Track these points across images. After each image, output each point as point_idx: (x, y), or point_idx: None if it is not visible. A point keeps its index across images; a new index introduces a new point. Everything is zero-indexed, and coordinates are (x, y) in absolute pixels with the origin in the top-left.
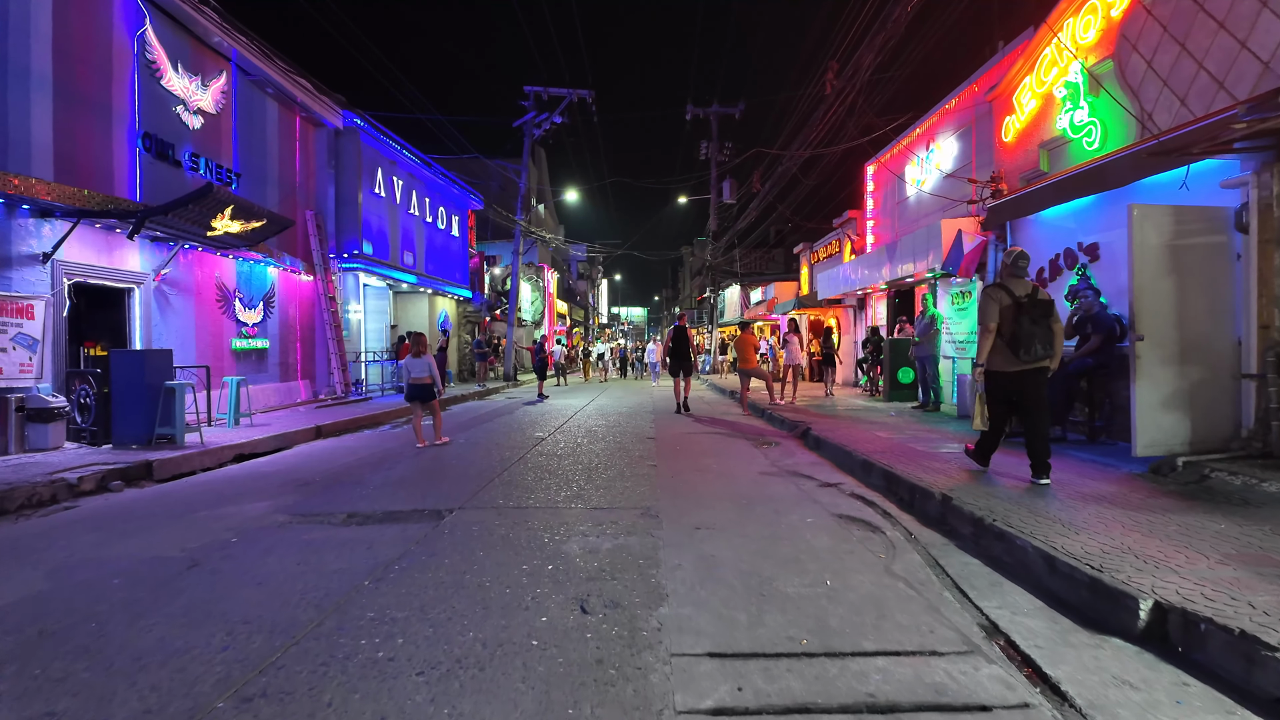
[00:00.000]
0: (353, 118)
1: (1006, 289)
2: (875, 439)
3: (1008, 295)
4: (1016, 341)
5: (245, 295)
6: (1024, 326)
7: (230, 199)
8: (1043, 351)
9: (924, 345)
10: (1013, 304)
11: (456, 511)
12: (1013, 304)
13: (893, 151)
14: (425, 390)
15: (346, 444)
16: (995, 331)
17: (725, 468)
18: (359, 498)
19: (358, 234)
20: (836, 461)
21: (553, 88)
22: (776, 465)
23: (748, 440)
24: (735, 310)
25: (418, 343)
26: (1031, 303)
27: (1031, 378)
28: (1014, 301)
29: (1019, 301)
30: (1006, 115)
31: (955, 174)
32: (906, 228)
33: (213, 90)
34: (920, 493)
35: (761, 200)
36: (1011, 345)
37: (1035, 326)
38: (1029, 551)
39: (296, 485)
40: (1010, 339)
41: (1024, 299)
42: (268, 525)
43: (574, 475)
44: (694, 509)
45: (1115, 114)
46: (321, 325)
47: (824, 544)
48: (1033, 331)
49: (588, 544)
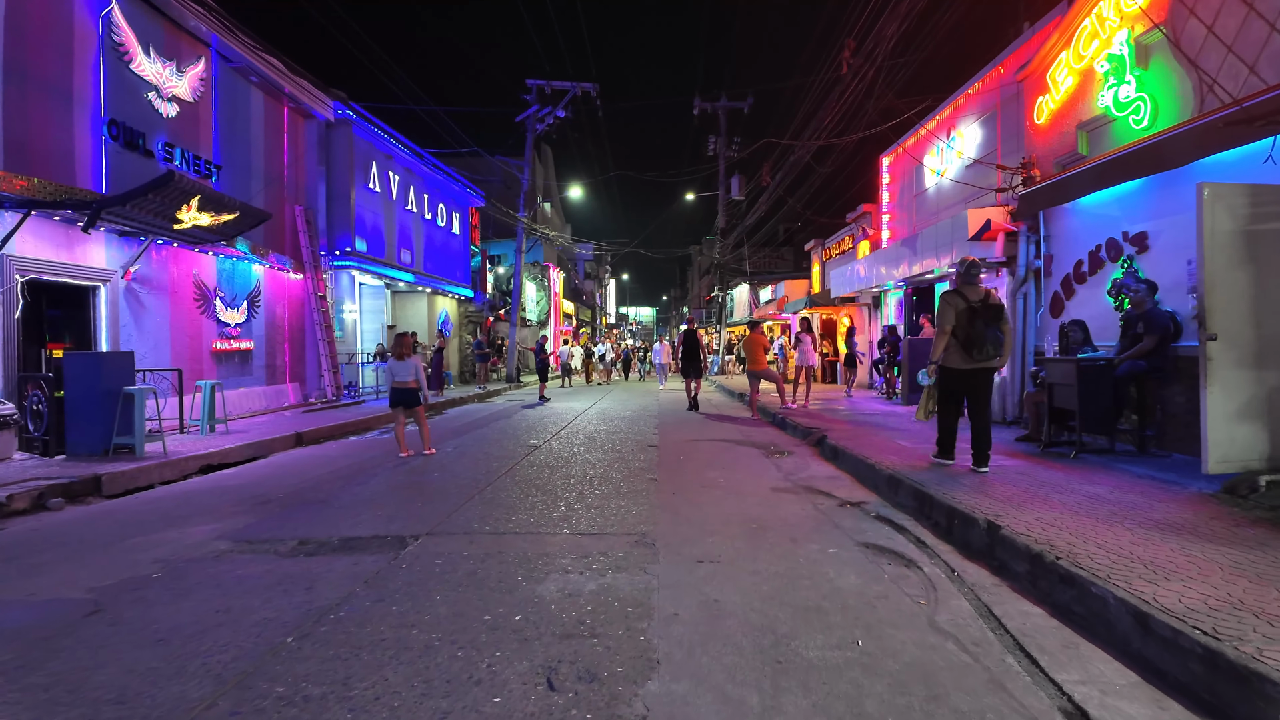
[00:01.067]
0: (344, 109)
1: (962, 295)
2: (898, 449)
3: (963, 300)
4: (969, 343)
5: (227, 294)
6: (976, 329)
7: (196, 188)
8: (992, 352)
9: None
10: (967, 309)
11: (423, 539)
12: (967, 309)
13: (910, 141)
14: (410, 395)
15: (326, 453)
16: (950, 334)
17: (733, 482)
18: (319, 520)
19: (350, 230)
20: (857, 475)
21: (555, 81)
22: (790, 479)
23: (758, 449)
24: (744, 309)
25: (400, 344)
26: (984, 308)
27: (981, 375)
28: (968, 306)
29: (972, 307)
30: (1039, 95)
31: (982, 160)
32: (925, 220)
33: (189, 77)
34: (960, 518)
35: (771, 194)
36: (965, 346)
37: (986, 330)
38: (1110, 603)
39: (255, 503)
40: (964, 340)
41: (977, 304)
42: (203, 556)
43: (564, 491)
44: (696, 535)
45: (1167, 88)
46: (311, 326)
47: (851, 584)
48: (984, 334)
49: (568, 584)
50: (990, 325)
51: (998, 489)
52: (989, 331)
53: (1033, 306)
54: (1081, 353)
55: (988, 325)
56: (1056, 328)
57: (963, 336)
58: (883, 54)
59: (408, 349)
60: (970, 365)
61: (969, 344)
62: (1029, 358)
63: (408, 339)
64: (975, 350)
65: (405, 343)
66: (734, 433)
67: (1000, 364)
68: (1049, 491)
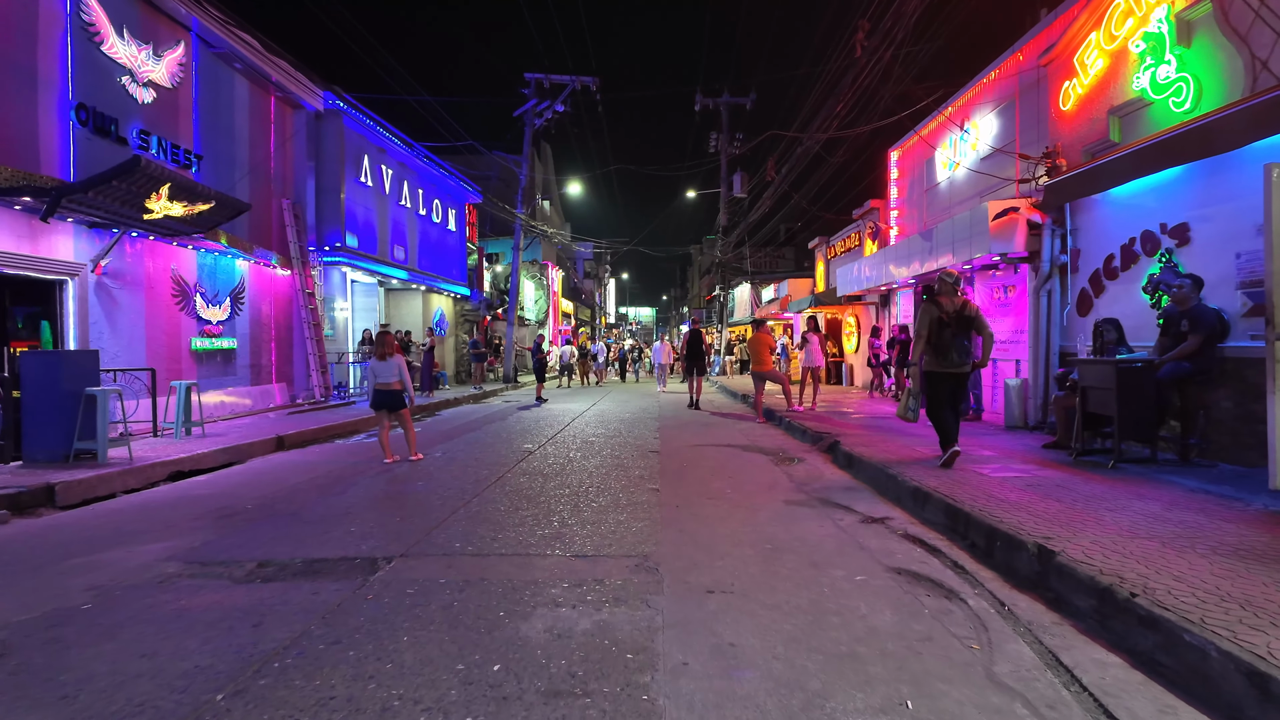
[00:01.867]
0: (334, 99)
1: (938, 304)
2: (919, 457)
3: (938, 309)
4: (938, 350)
5: (208, 290)
6: (944, 339)
7: (166, 175)
8: (958, 359)
9: None
10: (938, 319)
11: (396, 561)
12: (938, 319)
13: (921, 134)
14: (394, 397)
15: (307, 458)
16: (925, 339)
17: (742, 493)
18: (285, 536)
19: (340, 225)
20: (876, 486)
21: (554, 74)
22: (804, 490)
23: (766, 455)
24: (745, 309)
25: (382, 342)
26: (956, 318)
27: (951, 379)
28: (941, 315)
29: (945, 316)
30: (1065, 80)
31: (1003, 150)
32: (937, 216)
33: (168, 62)
34: (1003, 540)
35: (776, 189)
36: (935, 352)
37: (953, 339)
38: (1212, 657)
39: (219, 516)
40: (935, 347)
41: (950, 314)
42: (146, 581)
43: (558, 504)
44: (704, 558)
45: (1213, 67)
46: (299, 324)
47: (887, 623)
48: (950, 343)
49: (558, 621)
50: (958, 335)
51: (1038, 505)
52: (955, 341)
53: (1057, 305)
54: (1116, 354)
55: (954, 335)
56: (1084, 327)
57: (935, 344)
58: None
59: (390, 347)
60: (941, 370)
61: (938, 351)
62: (1053, 359)
63: (390, 337)
64: (942, 358)
65: (388, 341)
66: (739, 437)
67: (969, 369)
68: (1097, 508)
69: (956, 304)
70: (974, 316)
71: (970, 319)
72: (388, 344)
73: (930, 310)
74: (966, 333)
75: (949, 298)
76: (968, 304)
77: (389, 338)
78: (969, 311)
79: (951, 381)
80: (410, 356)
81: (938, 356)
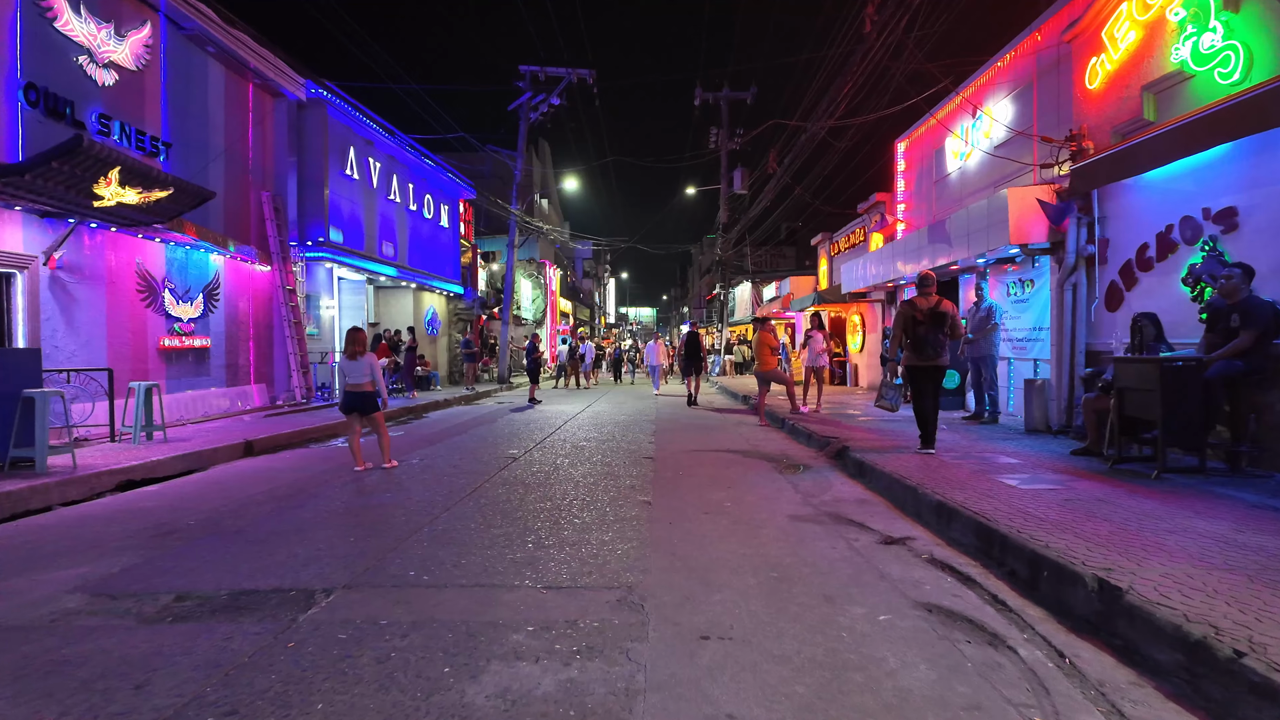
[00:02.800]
0: (318, 88)
1: (914, 304)
2: (938, 466)
3: (914, 309)
4: (916, 346)
5: (179, 286)
6: (918, 335)
7: (115, 158)
8: (933, 354)
9: (979, 344)
10: (913, 317)
11: (337, 594)
12: (913, 317)
13: (929, 123)
14: (365, 400)
15: (274, 465)
16: (902, 336)
17: (743, 507)
18: (220, 560)
19: (324, 220)
20: (892, 499)
21: (550, 67)
22: (811, 503)
23: (769, 462)
24: (746, 308)
25: (352, 340)
26: (930, 316)
27: (930, 372)
28: (915, 314)
29: (920, 315)
30: (1092, 57)
31: (1021, 133)
32: (947, 208)
33: (132, 42)
34: (1051, 569)
35: (779, 181)
36: (913, 348)
37: (927, 335)
38: None
39: (153, 535)
40: (913, 343)
41: (926, 312)
42: (34, 621)
43: (536, 520)
44: (699, 589)
45: (1263, 34)
46: (280, 322)
47: (922, 683)
48: (926, 339)
49: (514, 681)
50: (931, 331)
51: (1084, 524)
52: (929, 336)
53: (1083, 299)
54: (1156, 351)
55: (928, 331)
56: (1113, 322)
57: (912, 340)
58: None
59: (361, 346)
60: (920, 363)
61: (915, 347)
62: (1079, 358)
63: (362, 335)
64: (919, 354)
65: (359, 339)
66: (740, 441)
67: (946, 362)
68: (1155, 529)
69: (931, 303)
70: (946, 314)
71: (943, 315)
72: (359, 342)
73: (906, 310)
74: (940, 329)
75: (924, 298)
76: (942, 302)
77: (361, 336)
78: (942, 309)
79: (930, 373)
80: (398, 356)
81: (914, 352)
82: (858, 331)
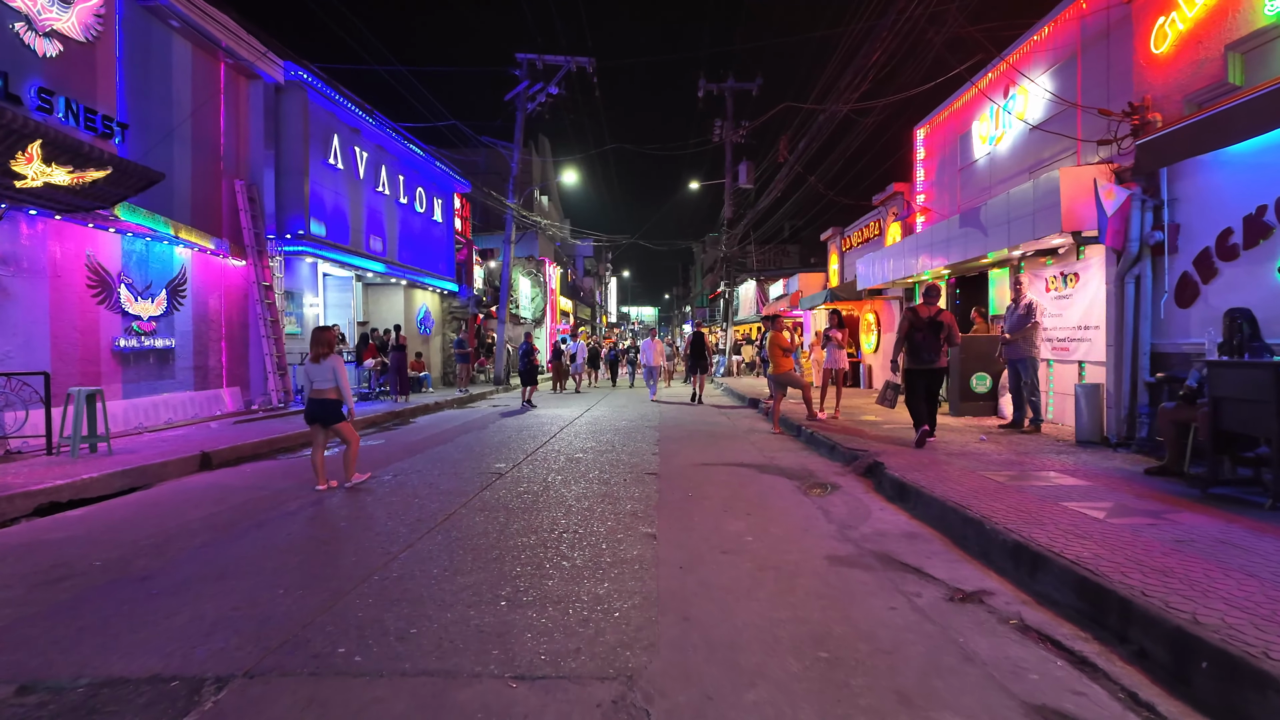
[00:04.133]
0: (297, 70)
1: (916, 312)
2: (997, 489)
3: (915, 317)
4: (913, 351)
5: (138, 281)
6: (915, 341)
7: (31, 129)
8: (929, 359)
9: (1019, 344)
10: (913, 325)
11: (231, 687)
12: (913, 325)
13: (951, 108)
14: (327, 409)
15: (228, 482)
16: (905, 341)
17: (768, 542)
18: (100, 626)
19: (304, 211)
20: (948, 532)
21: (548, 55)
22: (850, 537)
23: (790, 479)
24: (750, 307)
25: (319, 340)
26: (929, 323)
27: (928, 375)
28: (917, 321)
29: (920, 322)
30: (1159, 17)
31: (1065, 104)
32: (973, 198)
33: (80, 11)
34: (1216, 660)
35: (789, 171)
36: (911, 353)
37: (923, 341)
38: None
39: (40, 583)
40: (910, 349)
41: (925, 321)
42: None
43: (515, 562)
44: (725, 683)
45: None
46: (255, 320)
47: None
48: (923, 344)
49: None
50: (929, 338)
51: (1222, 581)
52: (925, 342)
53: (1148, 293)
54: (1264, 355)
55: (925, 338)
56: (1185, 320)
57: (912, 345)
58: None
59: (327, 347)
60: (919, 367)
61: (913, 352)
62: (1142, 360)
63: (330, 334)
64: (915, 357)
65: (325, 339)
66: (753, 452)
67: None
68: None
69: (932, 312)
70: (944, 324)
71: (940, 324)
72: (325, 342)
73: (910, 318)
74: (937, 336)
75: (927, 307)
76: (942, 312)
77: (328, 335)
78: (940, 319)
79: (926, 377)
80: (385, 356)
81: (912, 356)
82: (872, 331)
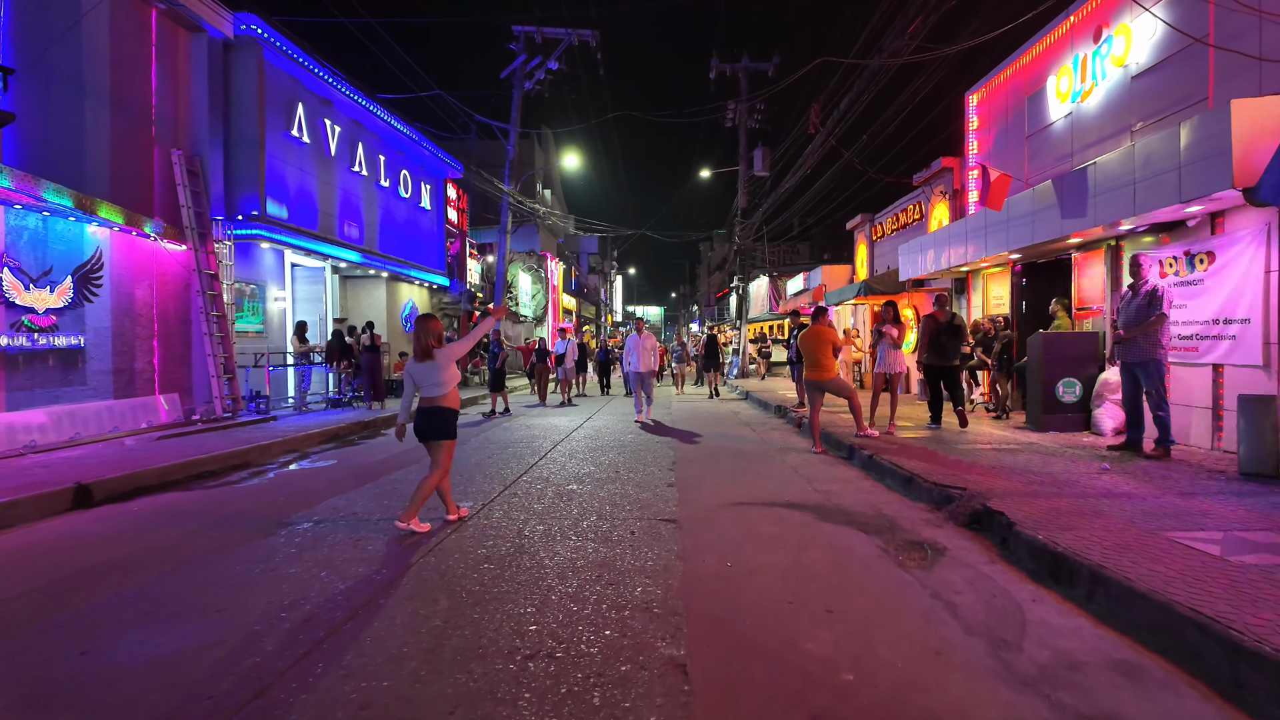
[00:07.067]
0: (251, 21)
1: (934, 318)
2: (1218, 567)
3: (935, 322)
4: (939, 350)
5: (30, 266)
6: (941, 342)
7: None
8: (951, 355)
9: (1139, 343)
10: (936, 328)
11: None
12: (936, 328)
13: (1016, 65)
14: (444, 420)
15: (93, 530)
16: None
17: (885, 688)
18: None
19: (259, 189)
20: (1183, 660)
21: (548, 27)
22: (1018, 671)
23: (867, 536)
24: (762, 305)
25: (424, 332)
26: (948, 327)
27: (949, 370)
28: (938, 325)
29: (940, 326)
30: None
31: (1197, 39)
32: (1047, 169)
33: None
34: None
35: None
36: (937, 353)
37: (948, 343)
38: None
39: None
40: (936, 349)
41: (944, 325)
42: None
43: None
44: None
45: None
46: (197, 315)
47: None
48: (946, 345)
49: None
50: (950, 340)
51: None
52: (949, 343)
53: None
54: None
55: (948, 340)
56: None
57: (935, 346)
58: None
59: (436, 339)
60: (940, 363)
61: (937, 350)
62: None
63: (435, 324)
64: (941, 356)
65: (432, 329)
66: (799, 483)
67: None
68: None
69: (946, 317)
70: (960, 327)
71: (958, 328)
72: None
73: (929, 322)
74: (955, 337)
75: (941, 312)
76: (955, 316)
77: (431, 324)
78: (956, 322)
79: (942, 372)
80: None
81: (938, 354)
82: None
